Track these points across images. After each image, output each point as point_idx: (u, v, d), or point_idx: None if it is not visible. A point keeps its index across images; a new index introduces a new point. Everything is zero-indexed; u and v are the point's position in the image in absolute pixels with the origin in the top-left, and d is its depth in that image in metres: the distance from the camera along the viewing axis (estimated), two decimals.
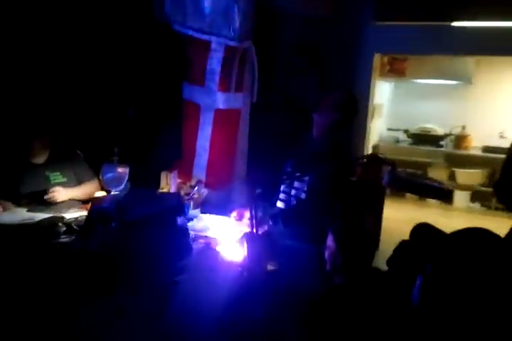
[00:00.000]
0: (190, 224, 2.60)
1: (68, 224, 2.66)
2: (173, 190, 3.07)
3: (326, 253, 2.20)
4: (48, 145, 3.27)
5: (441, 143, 6.61)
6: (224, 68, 3.22)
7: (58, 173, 3.26)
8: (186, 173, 3.40)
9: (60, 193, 3.08)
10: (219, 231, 2.66)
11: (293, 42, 4.82)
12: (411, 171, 2.05)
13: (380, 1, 4.59)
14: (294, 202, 2.73)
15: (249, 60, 3.46)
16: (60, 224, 2.64)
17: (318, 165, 2.60)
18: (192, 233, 2.44)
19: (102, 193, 3.14)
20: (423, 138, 6.65)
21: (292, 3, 4.39)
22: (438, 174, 6.46)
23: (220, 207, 3.16)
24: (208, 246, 2.30)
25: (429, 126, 6.61)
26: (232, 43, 3.19)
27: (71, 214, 2.90)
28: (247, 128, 3.60)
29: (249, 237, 2.12)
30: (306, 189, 2.68)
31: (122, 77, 3.34)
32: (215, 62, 3.20)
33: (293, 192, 2.74)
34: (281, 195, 2.80)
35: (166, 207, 2.17)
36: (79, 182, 3.27)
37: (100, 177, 2.96)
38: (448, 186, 2.03)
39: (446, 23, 4.35)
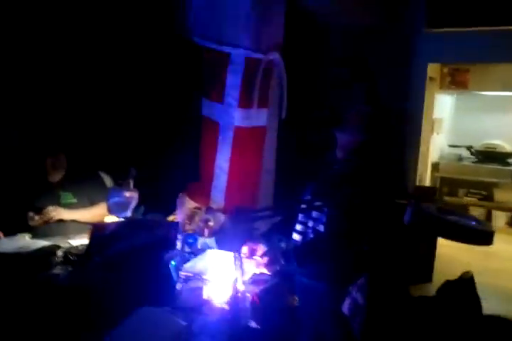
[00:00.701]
0: (188, 264, 2.29)
1: (66, 253, 2.46)
2: (180, 216, 2.78)
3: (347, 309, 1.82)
4: (63, 163, 3.14)
5: (509, 160, 5.98)
6: (245, 82, 2.93)
7: (70, 193, 3.12)
8: (204, 197, 3.12)
9: (56, 213, 2.90)
10: (221, 272, 2.32)
11: (338, 54, 4.46)
12: (446, 207, 1.62)
13: (433, 7, 4.15)
14: (311, 236, 2.36)
15: (276, 73, 3.15)
16: (55, 254, 2.45)
17: (337, 192, 2.23)
18: (183, 274, 2.13)
19: (112, 218, 2.93)
20: (488, 156, 6.07)
21: (336, 13, 4.07)
22: (505, 196, 5.83)
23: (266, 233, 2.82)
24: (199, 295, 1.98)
25: (495, 142, 6.04)
26: (253, 55, 2.90)
27: (77, 241, 2.71)
28: (273, 146, 3.28)
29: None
30: (324, 220, 2.31)
31: (139, 93, 3.13)
32: (234, 76, 2.92)
33: (310, 223, 2.37)
34: (298, 226, 2.43)
35: (148, 241, 1.89)
36: (91, 204, 3.10)
37: (106, 201, 2.76)
38: (490, 227, 1.59)
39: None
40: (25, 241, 2.62)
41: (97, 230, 2.41)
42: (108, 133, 3.30)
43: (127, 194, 2.77)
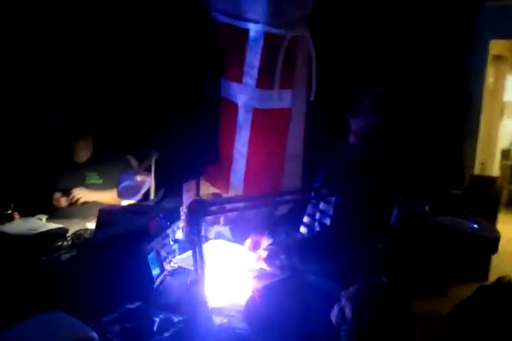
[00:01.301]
0: (181, 256, 2.16)
1: (73, 237, 2.41)
2: (186, 204, 2.63)
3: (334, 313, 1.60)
4: (90, 144, 3.11)
5: None
6: (264, 61, 2.72)
7: (95, 174, 3.09)
8: (223, 182, 2.97)
9: (82, 194, 2.88)
10: (220, 266, 2.17)
11: (390, 31, 4.10)
12: (443, 206, 1.33)
13: None
14: (318, 229, 2.15)
15: (303, 50, 2.90)
16: (64, 237, 2.41)
17: (347, 181, 2.00)
18: (171, 267, 2.00)
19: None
20: None
21: None
22: None
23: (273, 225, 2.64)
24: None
25: None
26: (274, 31, 2.67)
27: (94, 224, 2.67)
28: (301, 130, 3.05)
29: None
30: (331, 213, 2.08)
31: (158, 73, 3.01)
32: (253, 54, 2.72)
33: (317, 215, 2.16)
34: (306, 219, 2.23)
35: (125, 231, 1.77)
36: (116, 185, 3.04)
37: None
38: (493, 233, 1.31)
39: None
40: (37, 224, 2.60)
41: (103, 214, 2.34)
42: (131, 115, 3.21)
43: (138, 178, 2.67)
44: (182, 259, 2.15)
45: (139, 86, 3.14)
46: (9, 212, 2.66)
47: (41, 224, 2.61)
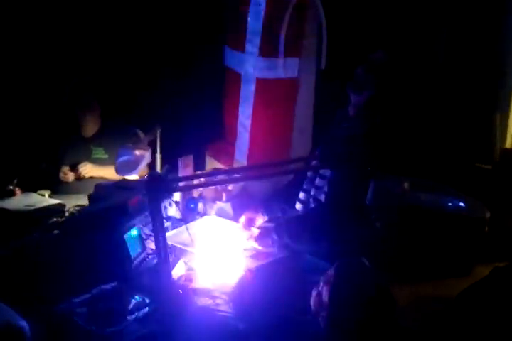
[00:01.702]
0: (170, 233, 2.08)
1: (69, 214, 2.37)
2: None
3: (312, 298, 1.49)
4: (98, 118, 3.05)
5: None
6: (267, 26, 2.55)
7: (102, 149, 3.04)
8: (227, 157, 2.86)
9: (88, 170, 2.83)
10: (211, 244, 2.07)
11: None
12: (424, 182, 1.17)
13: None
14: (312, 206, 2.02)
15: (313, 15, 2.71)
16: (62, 213, 2.37)
17: (345, 153, 1.84)
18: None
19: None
20: None
21: None
22: None
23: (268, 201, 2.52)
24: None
25: None
26: None
27: None
28: (310, 102, 2.88)
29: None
30: (326, 189, 1.95)
31: (161, 42, 2.89)
32: (255, 19, 2.55)
33: (313, 191, 2.03)
34: (301, 195, 2.10)
35: (101, 208, 1.70)
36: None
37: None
38: (481, 212, 1.14)
39: None
40: (36, 199, 2.56)
41: (97, 190, 2.28)
42: (136, 88, 3.12)
43: (137, 152, 2.59)
44: (169, 237, 2.06)
45: (144, 58, 3.02)
46: (11, 187, 2.64)
47: (40, 199, 2.57)
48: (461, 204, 1.16)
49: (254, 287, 1.82)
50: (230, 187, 2.72)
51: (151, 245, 1.96)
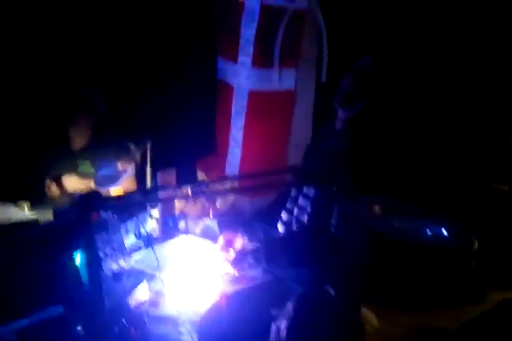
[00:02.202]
0: (139, 254, 1.91)
1: None
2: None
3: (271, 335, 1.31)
4: (87, 131, 2.93)
5: None
6: (260, 36, 2.41)
7: (88, 162, 2.90)
8: (218, 173, 2.69)
9: (71, 183, 2.69)
10: (183, 267, 1.89)
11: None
12: (403, 204, 0.97)
13: None
14: (295, 227, 1.83)
15: (311, 24, 2.56)
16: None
17: (327, 174, 1.66)
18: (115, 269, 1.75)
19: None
20: None
21: None
22: None
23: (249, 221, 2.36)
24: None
25: None
26: (271, 2, 2.35)
27: None
28: (308, 115, 2.71)
29: None
30: (309, 209, 1.76)
31: (156, 53, 2.76)
32: (248, 28, 2.41)
33: (296, 211, 1.84)
34: (283, 215, 1.91)
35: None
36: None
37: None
38: (465, 242, 0.94)
39: None
40: (11, 213, 2.43)
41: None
42: (127, 100, 2.99)
43: (119, 166, 2.46)
44: (137, 259, 1.90)
45: (136, 70, 2.90)
46: None
47: (16, 213, 2.45)
48: (443, 232, 0.96)
49: (226, 315, 1.64)
50: (217, 205, 2.55)
51: (114, 266, 1.79)
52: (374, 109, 1.71)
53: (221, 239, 2.02)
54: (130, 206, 1.70)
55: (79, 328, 1.40)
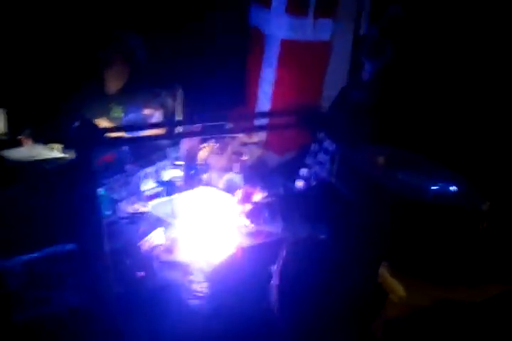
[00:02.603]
0: (156, 202, 1.91)
1: None
2: (184, 146, 2.31)
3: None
4: (123, 76, 2.91)
5: None
6: None
7: (121, 108, 2.90)
8: (248, 125, 2.63)
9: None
10: (199, 217, 1.88)
11: None
12: (411, 156, 0.90)
13: None
14: (314, 182, 1.78)
15: None
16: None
17: (349, 128, 1.58)
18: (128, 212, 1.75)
19: None
20: None
21: None
22: None
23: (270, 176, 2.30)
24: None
25: None
26: None
27: None
28: (343, 69, 2.58)
29: None
30: (328, 165, 1.69)
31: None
32: None
33: (315, 167, 1.78)
34: (303, 170, 1.86)
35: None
36: None
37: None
38: (477, 202, 0.86)
39: None
40: (40, 151, 2.48)
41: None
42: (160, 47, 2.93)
43: (146, 111, 2.44)
44: (153, 205, 1.90)
45: (168, 16, 2.82)
46: (20, 137, 2.58)
47: (44, 152, 2.49)
48: (450, 189, 0.89)
49: (238, 268, 1.65)
50: (244, 157, 2.51)
51: (129, 209, 1.81)
52: (401, 62, 1.60)
53: (240, 193, 2.00)
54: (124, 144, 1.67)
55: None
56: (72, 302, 1.28)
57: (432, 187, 0.90)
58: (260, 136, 2.62)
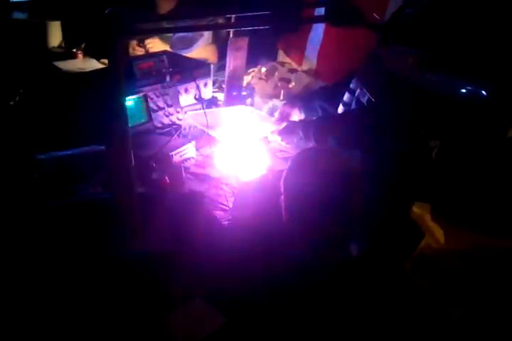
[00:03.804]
0: (190, 113, 1.90)
1: None
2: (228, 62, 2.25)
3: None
4: None
5: None
6: None
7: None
8: (297, 52, 2.55)
9: (153, 44, 2.70)
10: (234, 134, 1.87)
11: None
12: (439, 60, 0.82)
13: None
14: (354, 107, 1.71)
15: None
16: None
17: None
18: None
19: None
20: None
21: None
22: None
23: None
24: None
25: None
26: None
27: None
28: None
29: None
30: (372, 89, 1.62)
31: None
32: None
33: (357, 92, 1.71)
34: (346, 95, 1.79)
35: None
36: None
37: None
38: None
39: None
40: (91, 65, 2.53)
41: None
42: None
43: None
44: (190, 115, 1.90)
45: None
46: (74, 50, 2.63)
47: (95, 65, 2.53)
48: (482, 92, 0.82)
49: (267, 190, 1.64)
50: (290, 85, 2.45)
51: (164, 120, 1.82)
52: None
53: (278, 113, 1.97)
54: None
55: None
56: (96, 197, 1.33)
57: (466, 89, 0.82)
58: (311, 64, 2.54)
